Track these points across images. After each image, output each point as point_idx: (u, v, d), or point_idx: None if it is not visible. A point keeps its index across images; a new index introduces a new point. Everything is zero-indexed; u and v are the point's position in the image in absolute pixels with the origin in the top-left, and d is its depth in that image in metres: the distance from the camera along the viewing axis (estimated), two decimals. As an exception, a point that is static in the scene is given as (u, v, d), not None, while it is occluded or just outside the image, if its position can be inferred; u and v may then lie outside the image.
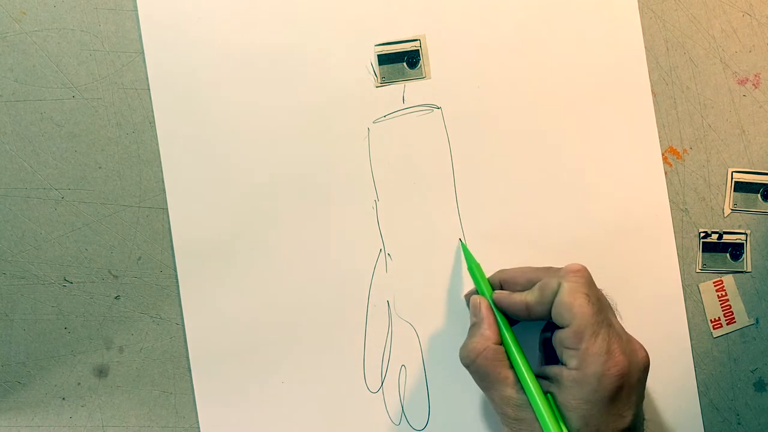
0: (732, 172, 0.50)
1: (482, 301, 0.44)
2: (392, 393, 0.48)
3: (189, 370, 0.48)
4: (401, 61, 0.49)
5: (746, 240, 0.50)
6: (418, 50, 0.49)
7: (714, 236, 0.50)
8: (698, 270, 0.50)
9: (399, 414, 0.48)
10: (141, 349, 0.48)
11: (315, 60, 0.48)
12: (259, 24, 0.48)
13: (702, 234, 0.50)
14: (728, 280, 0.50)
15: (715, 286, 0.50)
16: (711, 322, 0.50)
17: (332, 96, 0.48)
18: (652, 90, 0.50)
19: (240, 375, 0.48)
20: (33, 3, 0.48)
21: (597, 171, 0.49)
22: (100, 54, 0.48)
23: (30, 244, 0.48)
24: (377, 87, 0.49)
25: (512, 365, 0.42)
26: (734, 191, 0.50)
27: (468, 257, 0.47)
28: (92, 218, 0.48)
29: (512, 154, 0.49)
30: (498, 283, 0.45)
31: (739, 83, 0.50)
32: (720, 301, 0.50)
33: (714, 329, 0.50)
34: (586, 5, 0.49)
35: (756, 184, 0.50)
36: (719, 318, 0.50)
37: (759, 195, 0.50)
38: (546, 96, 0.49)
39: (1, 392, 0.48)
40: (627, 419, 0.40)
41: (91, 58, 0.48)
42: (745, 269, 0.50)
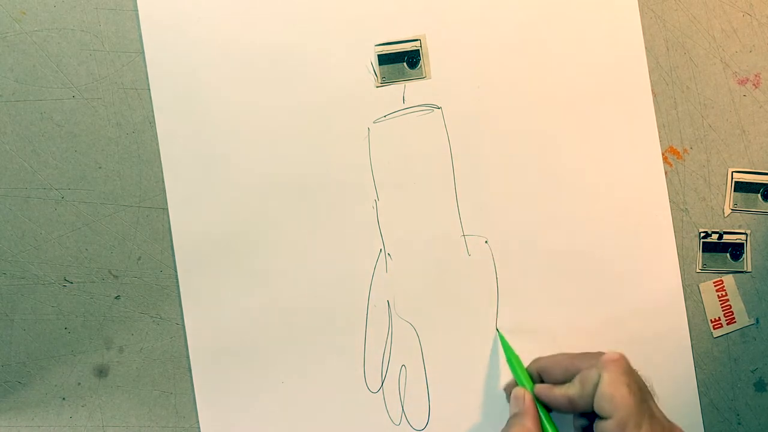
0: (732, 172, 0.50)
1: (526, 394, 0.44)
2: (392, 393, 0.48)
3: (189, 370, 0.48)
4: (401, 61, 0.49)
5: (746, 240, 0.50)
6: (418, 50, 0.49)
7: (714, 236, 0.50)
8: (698, 270, 0.50)
9: (399, 414, 0.48)
10: (141, 349, 0.48)
11: (315, 60, 0.48)
12: (259, 24, 0.48)
13: (702, 234, 0.50)
14: (728, 280, 0.50)
15: (716, 286, 0.50)
16: (711, 322, 0.50)
17: (332, 96, 0.48)
18: (652, 90, 0.50)
19: (240, 375, 0.48)
20: (33, 3, 0.48)
21: (597, 171, 0.49)
22: (100, 54, 0.48)
23: (30, 244, 0.48)
24: (377, 87, 0.49)
25: None
26: (734, 191, 0.50)
27: (507, 349, 0.47)
28: (92, 218, 0.48)
29: (512, 154, 0.49)
30: (536, 373, 0.46)
31: (740, 83, 0.50)
32: (720, 301, 0.49)
33: (714, 329, 0.50)
34: (586, 5, 0.49)
35: (756, 184, 0.50)
36: (719, 318, 0.49)
37: (759, 195, 0.50)
38: (546, 96, 0.49)
39: (1, 392, 0.48)
40: None
41: (91, 58, 0.48)
42: (745, 269, 0.50)
